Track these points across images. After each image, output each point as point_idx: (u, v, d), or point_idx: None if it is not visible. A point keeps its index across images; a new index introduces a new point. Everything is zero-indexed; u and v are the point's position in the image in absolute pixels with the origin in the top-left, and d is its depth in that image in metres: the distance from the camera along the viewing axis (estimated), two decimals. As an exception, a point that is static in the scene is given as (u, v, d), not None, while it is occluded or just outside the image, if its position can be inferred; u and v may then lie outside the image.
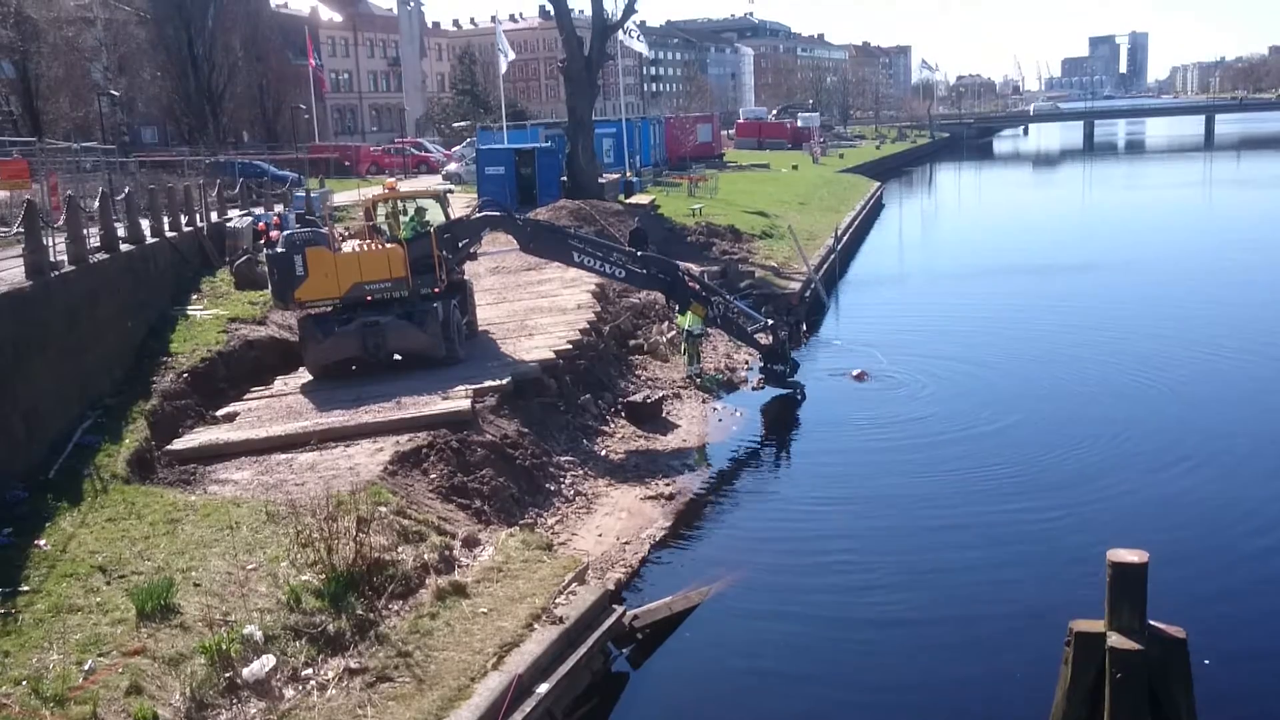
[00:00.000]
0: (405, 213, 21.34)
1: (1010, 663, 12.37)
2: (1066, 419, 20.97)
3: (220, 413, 18.20)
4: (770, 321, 23.13)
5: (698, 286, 22.82)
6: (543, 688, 10.77)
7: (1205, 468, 18.21)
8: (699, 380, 23.55)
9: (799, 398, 22.79)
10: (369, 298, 19.74)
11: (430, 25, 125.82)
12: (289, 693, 10.05)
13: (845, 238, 44.24)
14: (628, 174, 49.92)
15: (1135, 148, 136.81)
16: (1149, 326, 29.04)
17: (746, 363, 25.47)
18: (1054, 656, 9.63)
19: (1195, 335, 27.82)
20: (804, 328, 29.43)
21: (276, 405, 18.51)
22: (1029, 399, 22.59)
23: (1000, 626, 13.25)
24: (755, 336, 22.95)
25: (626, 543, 15.40)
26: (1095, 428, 20.27)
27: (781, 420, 22.14)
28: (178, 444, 16.45)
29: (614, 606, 12.77)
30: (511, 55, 53.40)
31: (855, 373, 24.50)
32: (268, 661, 10.16)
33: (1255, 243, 44.28)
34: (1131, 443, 19.45)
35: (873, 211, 59.03)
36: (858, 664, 12.74)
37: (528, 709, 10.43)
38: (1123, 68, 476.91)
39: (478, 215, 22.49)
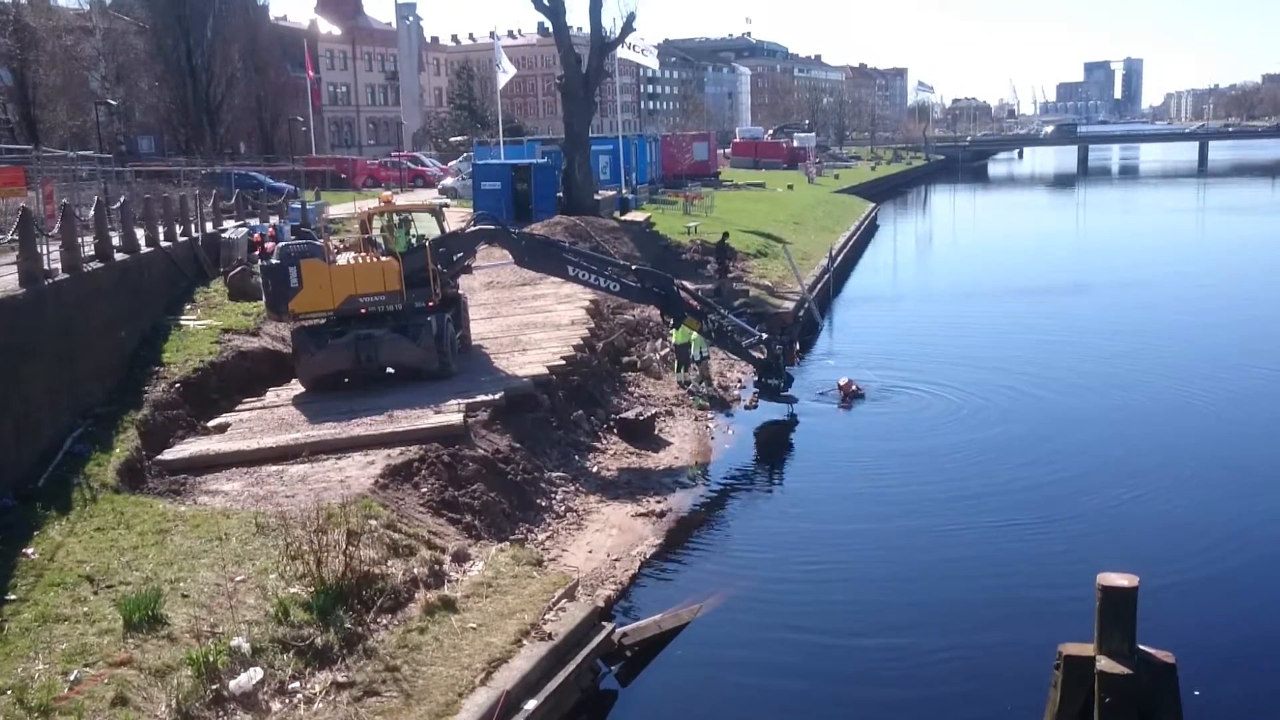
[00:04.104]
0: (400, 226, 21.35)
1: (999, 686, 12.34)
2: (1058, 438, 21.01)
3: (212, 423, 18.15)
4: (764, 335, 23.16)
5: (695, 303, 22.86)
6: (531, 704, 10.73)
7: (1199, 491, 18.19)
8: (690, 386, 23.63)
9: (792, 414, 22.81)
10: (363, 310, 19.73)
11: (429, 40, 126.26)
12: (276, 705, 9.99)
13: (840, 257, 44.36)
14: (623, 191, 49.99)
15: (1129, 173, 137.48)
16: (1142, 348, 29.10)
17: (740, 381, 25.49)
18: (1043, 680, 9.63)
19: (1189, 356, 27.94)
20: (798, 346, 29.43)
21: (268, 417, 18.48)
22: (1021, 418, 22.60)
23: (990, 649, 13.21)
24: (750, 351, 22.98)
25: (617, 560, 15.37)
26: (1086, 448, 20.32)
27: (774, 438, 22.13)
28: (168, 454, 16.39)
29: (603, 623, 12.73)
30: (511, 71, 53.37)
31: (842, 381, 24.55)
32: (255, 674, 10.11)
33: (1250, 264, 44.52)
34: (1123, 465, 19.45)
35: (867, 232, 59.24)
36: (847, 685, 12.68)
37: (515, 725, 10.40)
38: (1118, 93, 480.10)
39: (473, 229, 22.52)
